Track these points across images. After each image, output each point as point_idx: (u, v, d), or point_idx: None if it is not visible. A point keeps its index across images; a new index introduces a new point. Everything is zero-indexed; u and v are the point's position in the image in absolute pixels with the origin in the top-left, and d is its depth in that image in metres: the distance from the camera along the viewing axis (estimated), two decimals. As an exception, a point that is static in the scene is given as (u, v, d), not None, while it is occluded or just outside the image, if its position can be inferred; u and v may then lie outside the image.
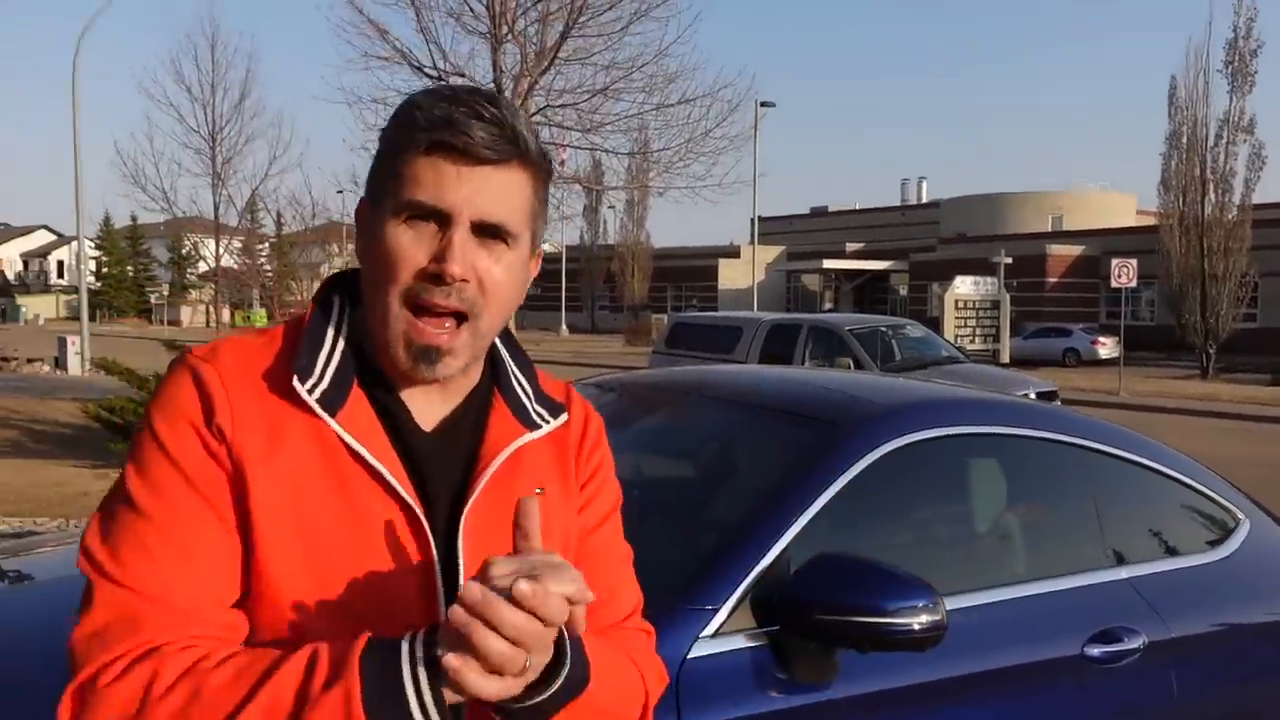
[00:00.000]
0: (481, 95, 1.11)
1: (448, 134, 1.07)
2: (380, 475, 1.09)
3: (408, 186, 1.09)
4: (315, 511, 1.08)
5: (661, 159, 12.27)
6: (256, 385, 1.11)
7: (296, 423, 1.10)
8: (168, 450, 1.07)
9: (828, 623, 1.94)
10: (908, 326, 14.86)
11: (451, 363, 1.12)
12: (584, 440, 1.30)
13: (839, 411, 2.51)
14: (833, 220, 68.73)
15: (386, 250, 1.09)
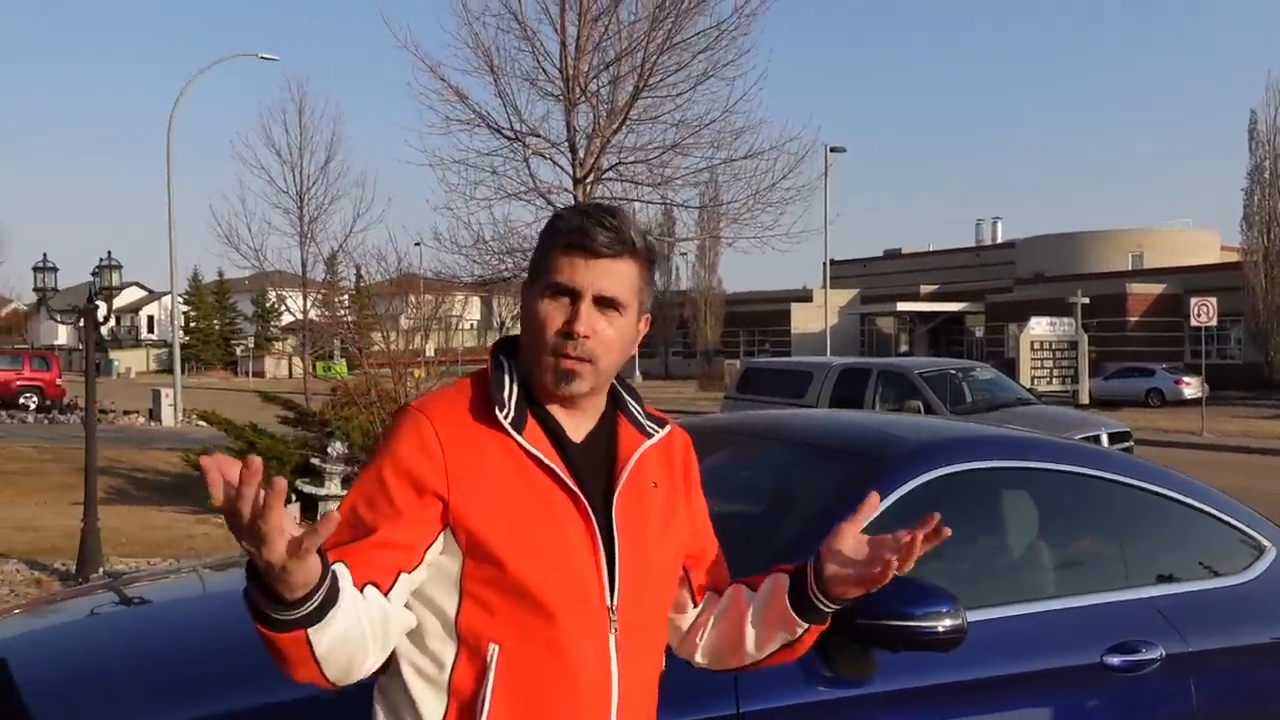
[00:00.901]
0: (605, 210, 1.60)
1: (579, 238, 1.57)
2: (555, 473, 1.55)
3: (552, 274, 1.58)
4: (517, 503, 1.53)
5: (729, 211, 12.66)
6: (463, 422, 1.58)
7: (493, 442, 1.56)
8: (384, 476, 1.53)
9: (865, 626, 2.27)
10: (978, 369, 14.96)
11: (581, 384, 1.58)
12: (685, 450, 1.82)
13: (878, 448, 2.85)
14: (907, 262, 68.48)
15: (538, 316, 1.59)
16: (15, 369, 31.01)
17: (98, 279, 9.33)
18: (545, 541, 1.53)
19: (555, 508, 1.55)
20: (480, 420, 1.57)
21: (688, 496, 1.79)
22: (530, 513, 1.53)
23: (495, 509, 1.52)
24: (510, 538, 1.51)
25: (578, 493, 1.56)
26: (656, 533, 1.66)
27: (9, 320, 78.17)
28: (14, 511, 10.99)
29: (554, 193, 11.93)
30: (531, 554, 1.52)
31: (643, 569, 1.62)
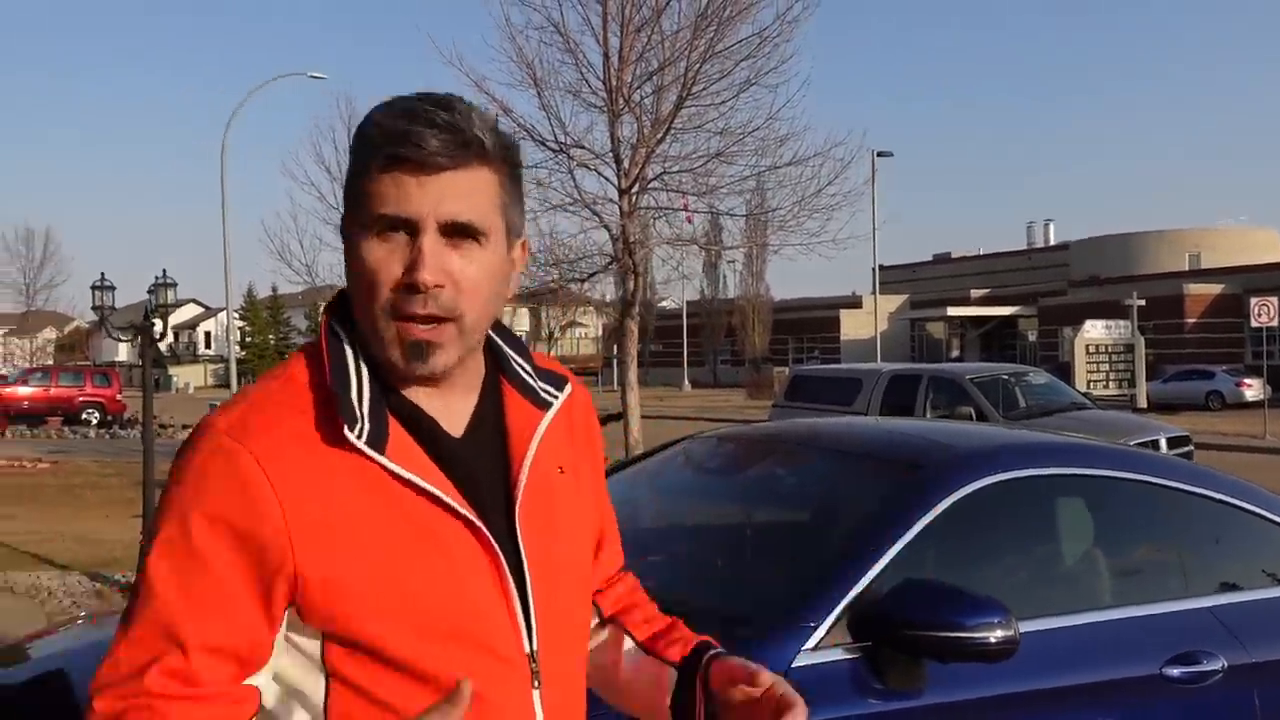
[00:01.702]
0: (433, 101, 1.13)
1: (403, 147, 1.10)
2: (438, 498, 1.12)
3: (373, 202, 1.12)
4: (386, 548, 1.10)
5: (775, 218, 12.61)
6: (297, 448, 1.10)
7: (343, 467, 1.10)
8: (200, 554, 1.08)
9: (914, 637, 2.24)
10: (1031, 374, 14.75)
11: (442, 356, 1.14)
12: (586, 410, 1.38)
13: (921, 456, 2.82)
14: (956, 266, 67.76)
15: (364, 265, 1.13)
16: (78, 385, 31.74)
17: (153, 296, 9.52)
18: (435, 599, 1.11)
19: (444, 544, 1.12)
20: (322, 436, 1.11)
21: (594, 470, 1.37)
22: (409, 562, 1.10)
23: (359, 568, 1.09)
24: (386, 606, 1.09)
25: (473, 519, 1.14)
26: (569, 535, 1.26)
27: (71, 338, 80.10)
28: (77, 525, 11.24)
29: (599, 203, 11.96)
30: (418, 621, 1.10)
31: (560, 591, 1.23)
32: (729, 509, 3.35)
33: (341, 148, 25.70)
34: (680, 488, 3.58)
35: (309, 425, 1.12)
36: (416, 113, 1.11)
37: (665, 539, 3.29)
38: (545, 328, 70.65)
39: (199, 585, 1.07)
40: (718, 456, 3.68)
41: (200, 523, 1.08)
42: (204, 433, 1.12)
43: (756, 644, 2.25)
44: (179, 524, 1.08)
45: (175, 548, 1.08)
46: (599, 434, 1.40)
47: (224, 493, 1.08)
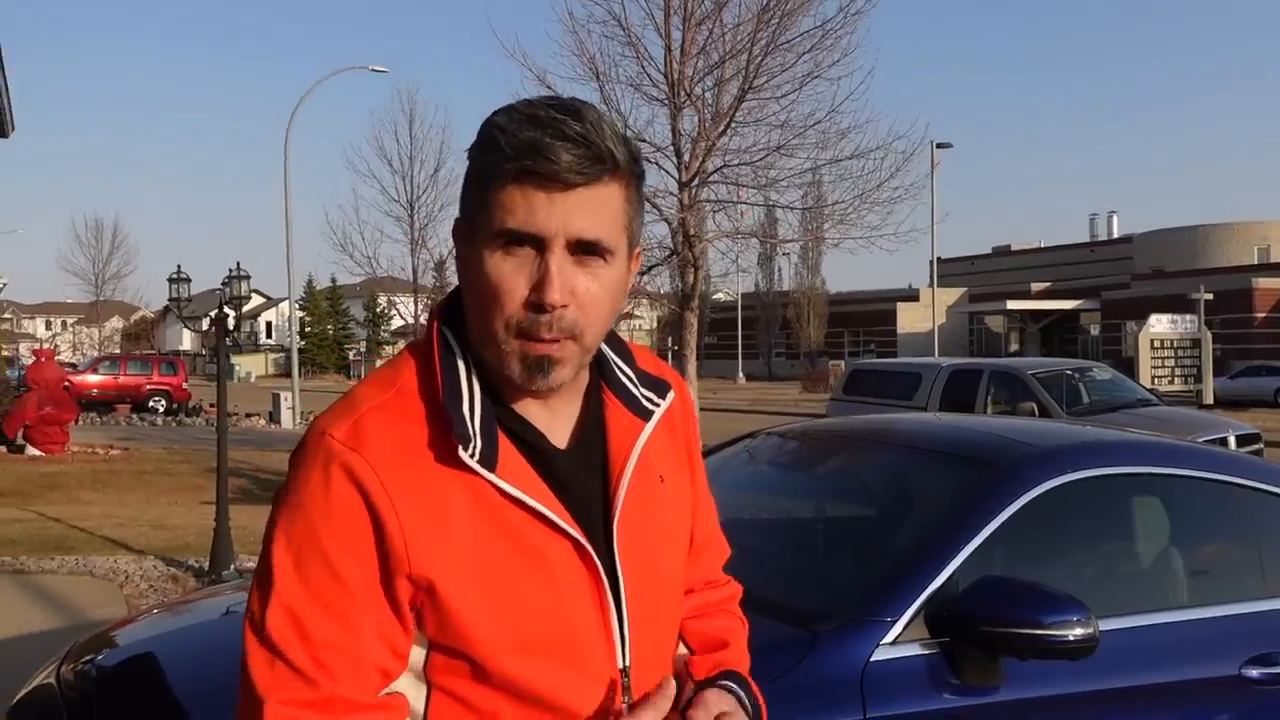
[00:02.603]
0: (563, 109, 1.09)
1: (534, 161, 1.06)
2: (545, 516, 1.13)
3: (501, 214, 1.09)
4: (493, 563, 1.11)
5: (835, 212, 12.55)
6: (409, 459, 1.11)
7: (456, 484, 1.11)
8: (330, 560, 1.09)
9: (992, 633, 2.26)
10: (1095, 369, 14.52)
11: (562, 371, 1.13)
12: (686, 414, 1.37)
13: (1001, 454, 2.83)
14: (1017, 259, 66.78)
15: (489, 281, 1.10)
16: (145, 374, 32.52)
17: (227, 288, 9.75)
18: (537, 614, 1.13)
19: (548, 561, 1.14)
20: (434, 450, 1.11)
21: (692, 475, 1.36)
22: (514, 577, 1.12)
23: (467, 579, 1.10)
24: (490, 618, 1.10)
25: (579, 537, 1.14)
26: (665, 545, 1.27)
27: (137, 326, 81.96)
28: (149, 511, 11.56)
29: (659, 196, 11.99)
30: (519, 635, 1.12)
31: (654, 604, 1.24)
32: (801, 504, 3.39)
33: (403, 140, 26.03)
34: (750, 483, 3.62)
35: (422, 438, 1.12)
36: (546, 123, 1.07)
37: (737, 532, 3.32)
38: (600, 320, 70.79)
39: (340, 599, 1.08)
40: (787, 452, 3.71)
41: (330, 538, 1.08)
42: (318, 445, 1.12)
43: (835, 638, 2.29)
44: (309, 541, 1.09)
45: (309, 565, 1.08)
46: (698, 436, 1.40)
47: (346, 501, 1.08)
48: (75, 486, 13.66)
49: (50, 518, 10.72)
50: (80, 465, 16.09)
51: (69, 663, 2.64)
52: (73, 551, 8.77)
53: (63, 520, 10.50)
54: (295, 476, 1.13)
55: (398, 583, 1.09)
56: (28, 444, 17.13)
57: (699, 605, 1.42)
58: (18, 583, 7.70)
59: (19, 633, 6.24)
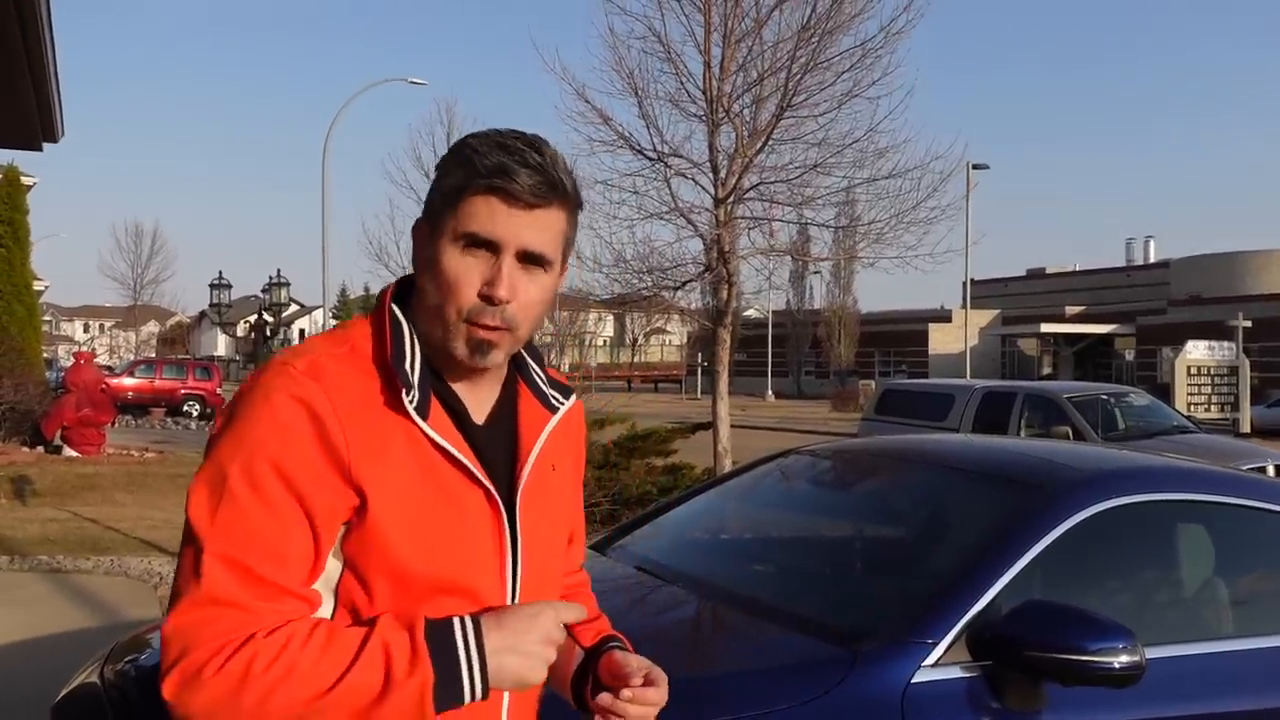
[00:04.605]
0: (527, 142, 1.32)
1: (501, 180, 1.28)
2: (464, 465, 1.31)
3: (466, 220, 1.30)
4: (419, 497, 1.28)
5: (870, 231, 12.49)
6: (360, 401, 1.28)
7: (395, 427, 1.29)
8: (287, 475, 1.23)
9: (1035, 659, 2.24)
10: (1132, 394, 14.36)
11: (498, 355, 1.34)
12: (580, 421, 1.58)
13: (1046, 476, 2.80)
14: (1051, 282, 66.20)
15: (448, 274, 1.31)
16: (180, 378, 32.87)
17: (267, 295, 9.86)
18: (450, 551, 1.31)
19: (463, 506, 1.32)
20: (381, 397, 1.30)
21: (576, 475, 1.58)
22: (435, 515, 1.30)
23: (397, 510, 1.27)
24: (411, 548, 1.28)
25: (491, 490, 1.34)
26: (552, 522, 1.47)
27: (173, 331, 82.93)
28: (183, 514, 11.63)
29: (695, 212, 11.99)
30: (432, 568, 1.29)
31: (544, 568, 1.44)
32: (840, 524, 3.37)
33: (440, 152, 26.18)
34: (785, 502, 3.61)
35: (370, 387, 1.29)
36: (513, 150, 1.30)
37: (775, 551, 3.32)
38: (630, 334, 70.97)
39: (283, 504, 1.22)
40: (823, 471, 3.70)
41: (281, 446, 1.23)
42: (279, 371, 1.28)
43: (876, 658, 2.28)
44: (260, 449, 1.23)
45: (257, 468, 1.22)
46: (585, 445, 1.64)
47: (301, 418, 1.24)
48: (110, 488, 13.81)
49: (86, 518, 10.84)
50: (115, 467, 16.26)
51: (111, 663, 2.67)
52: (108, 552, 8.86)
53: (98, 521, 10.62)
54: (251, 396, 1.27)
55: (337, 494, 1.24)
56: (65, 445, 17.32)
57: (570, 585, 1.65)
58: (54, 581, 7.79)
59: (55, 630, 6.31)
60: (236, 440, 1.25)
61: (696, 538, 3.42)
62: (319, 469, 1.24)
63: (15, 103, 7.12)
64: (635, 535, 3.42)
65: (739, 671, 2.33)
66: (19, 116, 7.47)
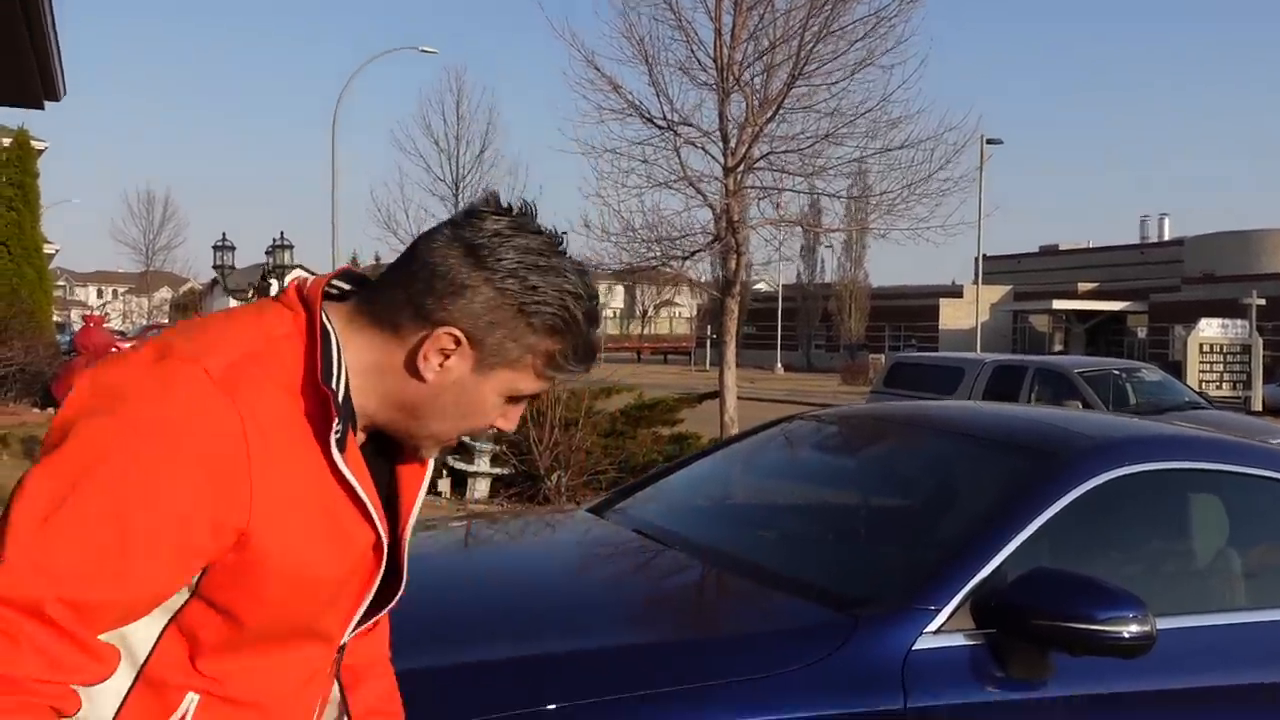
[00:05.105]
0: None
1: (587, 356, 1.24)
2: (365, 508, 1.19)
3: (531, 383, 1.22)
4: (311, 540, 1.15)
5: (883, 202, 12.36)
6: (274, 423, 1.12)
7: (303, 456, 1.14)
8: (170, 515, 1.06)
9: (1042, 627, 2.17)
10: (1144, 370, 14.23)
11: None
12: None
13: (1056, 442, 2.73)
14: (1064, 259, 65.78)
15: (477, 410, 1.23)
16: (190, 344, 32.79)
17: (271, 258, 9.80)
18: (329, 595, 1.21)
19: (351, 550, 1.20)
20: (296, 419, 1.14)
21: None
22: (324, 559, 1.17)
23: (284, 549, 1.13)
24: (286, 589, 1.15)
25: (383, 536, 1.23)
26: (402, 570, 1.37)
27: (185, 298, 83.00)
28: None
29: (704, 181, 11.88)
30: (303, 607, 1.19)
31: (382, 617, 1.37)
32: (843, 490, 3.31)
33: (450, 120, 26.05)
34: (787, 467, 3.55)
35: (285, 402, 1.14)
36: (596, 346, 1.25)
37: (777, 517, 3.26)
38: (639, 306, 70.83)
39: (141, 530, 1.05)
40: (827, 437, 3.63)
41: (178, 471, 1.06)
42: (189, 374, 1.09)
43: (877, 625, 2.22)
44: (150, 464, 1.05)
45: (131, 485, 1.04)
46: None
47: (205, 439, 1.07)
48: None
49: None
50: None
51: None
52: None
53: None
54: (148, 397, 1.07)
55: (220, 534, 1.09)
56: (73, 408, 17.31)
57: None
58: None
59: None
60: (117, 443, 1.05)
61: (697, 503, 3.36)
62: (210, 515, 1.08)
63: (14, 59, 7.04)
64: (635, 499, 3.36)
65: (737, 635, 2.28)
66: (18, 72, 7.40)
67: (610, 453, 10.10)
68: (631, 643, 2.23)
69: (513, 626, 2.28)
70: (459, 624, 2.27)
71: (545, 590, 2.60)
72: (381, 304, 1.21)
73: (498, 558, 3.11)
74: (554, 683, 1.97)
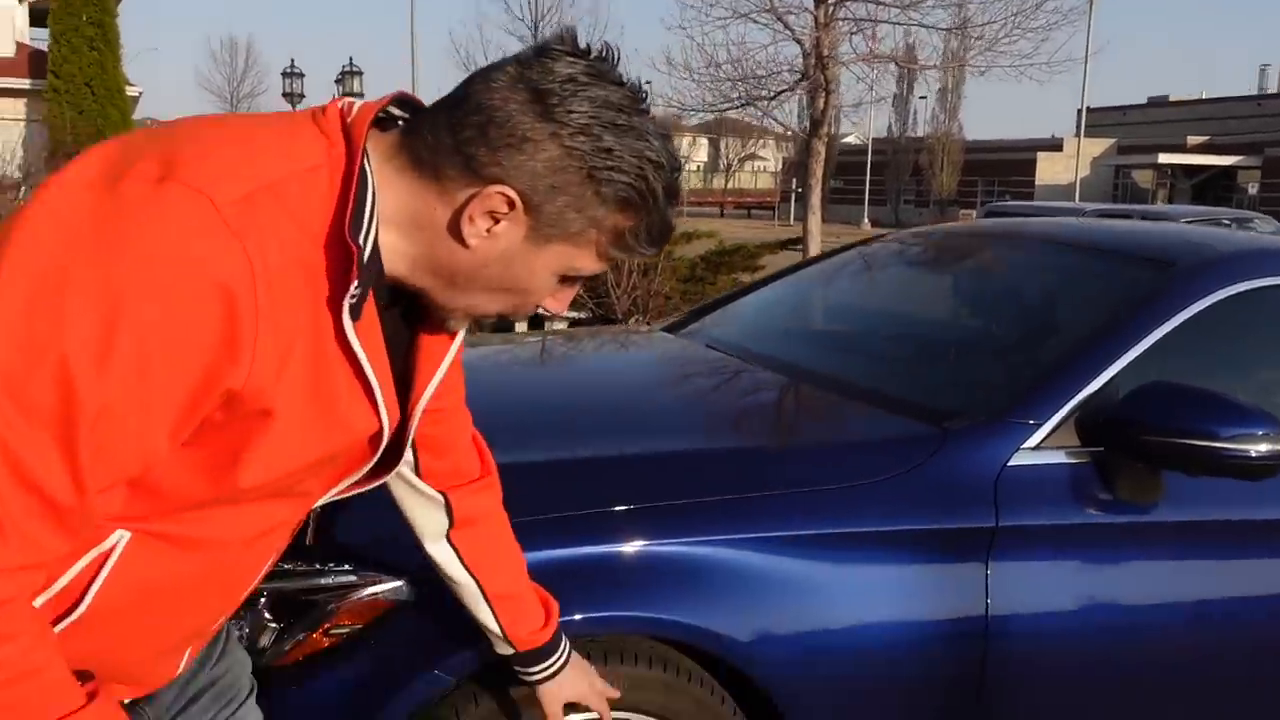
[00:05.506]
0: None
1: (661, 236, 1.07)
2: (373, 392, 1.04)
3: (592, 258, 1.05)
4: (303, 410, 0.99)
5: (985, 34, 11.60)
6: (284, 270, 0.93)
7: (310, 312, 0.97)
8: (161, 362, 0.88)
9: (1157, 444, 1.95)
10: (1256, 220, 13.43)
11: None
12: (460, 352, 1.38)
13: (1178, 253, 2.44)
14: (1173, 111, 62.27)
15: (533, 282, 1.06)
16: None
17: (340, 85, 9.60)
18: (312, 464, 1.06)
19: (347, 429, 1.05)
20: (310, 269, 0.96)
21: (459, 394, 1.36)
22: (315, 431, 1.02)
23: (274, 425, 0.98)
24: (271, 462, 1.00)
25: (386, 425, 1.08)
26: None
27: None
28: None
29: (793, 13, 11.27)
30: (289, 478, 1.05)
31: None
32: (935, 306, 3.05)
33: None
34: (876, 286, 3.30)
35: (303, 247, 0.95)
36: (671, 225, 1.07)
37: (861, 335, 3.04)
38: (723, 159, 69.34)
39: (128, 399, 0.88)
40: (919, 254, 3.36)
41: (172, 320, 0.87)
42: (189, 205, 0.88)
43: (968, 437, 2.01)
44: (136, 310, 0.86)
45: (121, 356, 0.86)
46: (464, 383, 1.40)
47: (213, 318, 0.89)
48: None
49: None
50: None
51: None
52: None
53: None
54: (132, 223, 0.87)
55: (208, 396, 0.93)
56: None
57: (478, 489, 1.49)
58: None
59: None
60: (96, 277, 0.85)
61: (776, 322, 3.15)
62: (204, 377, 0.91)
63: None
64: (711, 319, 3.18)
65: (815, 445, 2.10)
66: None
67: (689, 298, 9.94)
68: (707, 447, 2.07)
69: (583, 430, 2.14)
70: (528, 427, 2.14)
71: (619, 399, 2.46)
72: (426, 145, 1.00)
73: (571, 368, 2.97)
74: (624, 486, 1.82)
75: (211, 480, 1.00)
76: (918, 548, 1.88)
